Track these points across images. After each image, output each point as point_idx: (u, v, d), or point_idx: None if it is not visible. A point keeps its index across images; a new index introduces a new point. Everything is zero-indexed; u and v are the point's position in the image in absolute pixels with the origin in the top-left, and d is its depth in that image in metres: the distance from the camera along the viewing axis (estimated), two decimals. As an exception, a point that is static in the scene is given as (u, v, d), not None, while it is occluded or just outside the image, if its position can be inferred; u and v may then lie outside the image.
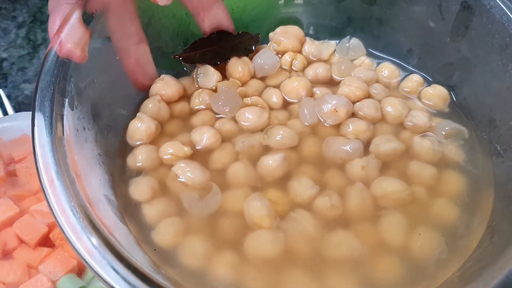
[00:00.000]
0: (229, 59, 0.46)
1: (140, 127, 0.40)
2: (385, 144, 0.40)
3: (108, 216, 0.33)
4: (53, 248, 0.42)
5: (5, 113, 0.55)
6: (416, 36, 0.47)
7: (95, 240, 0.29)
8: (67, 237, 0.29)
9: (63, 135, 0.33)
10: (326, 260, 0.35)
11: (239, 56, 0.46)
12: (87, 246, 0.28)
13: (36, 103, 0.33)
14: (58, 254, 0.40)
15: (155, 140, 0.41)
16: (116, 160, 0.40)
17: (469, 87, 0.43)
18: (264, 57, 0.46)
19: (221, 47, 0.46)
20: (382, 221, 0.36)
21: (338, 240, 0.35)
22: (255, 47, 0.47)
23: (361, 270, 0.34)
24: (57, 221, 0.29)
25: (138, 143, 0.41)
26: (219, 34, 0.46)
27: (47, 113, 0.33)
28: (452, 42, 0.44)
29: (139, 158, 0.39)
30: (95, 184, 0.35)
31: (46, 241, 0.42)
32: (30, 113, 0.46)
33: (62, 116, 0.34)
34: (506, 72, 0.39)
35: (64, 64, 0.36)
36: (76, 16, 0.37)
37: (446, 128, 0.41)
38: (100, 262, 0.28)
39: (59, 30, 0.36)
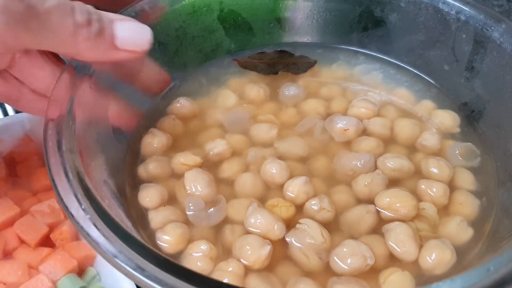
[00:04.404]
0: (277, 73, 0.48)
1: (152, 141, 0.42)
2: (392, 159, 0.39)
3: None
4: (54, 248, 0.41)
5: (5, 113, 0.55)
6: (434, 80, 0.48)
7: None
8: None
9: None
10: (334, 271, 0.34)
11: (292, 73, 0.48)
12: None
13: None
14: (58, 254, 0.39)
15: (167, 152, 0.42)
16: (126, 171, 0.41)
17: (484, 122, 0.44)
18: (292, 89, 0.47)
19: (276, 62, 0.49)
20: (389, 234, 0.35)
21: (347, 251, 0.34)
22: (306, 70, 0.49)
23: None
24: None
25: (150, 155, 0.41)
26: (281, 52, 0.49)
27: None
28: (466, 83, 0.45)
29: (150, 168, 0.40)
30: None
31: (46, 242, 0.41)
32: (30, 113, 0.48)
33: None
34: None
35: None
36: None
37: (459, 148, 0.41)
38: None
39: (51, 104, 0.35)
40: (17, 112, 0.54)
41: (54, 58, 0.38)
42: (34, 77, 0.37)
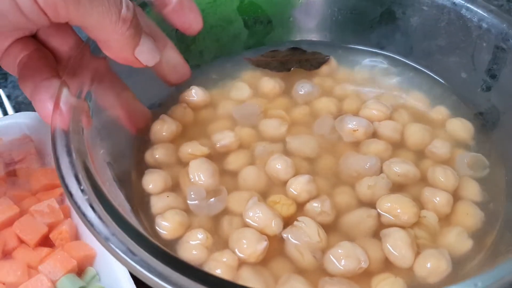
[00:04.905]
0: (289, 70, 0.48)
1: (161, 128, 0.42)
2: (399, 164, 0.39)
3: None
4: (53, 248, 0.41)
5: (5, 113, 0.55)
6: (451, 87, 0.47)
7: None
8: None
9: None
10: (327, 271, 0.34)
11: (305, 69, 0.48)
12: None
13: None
14: (58, 254, 0.40)
15: (176, 139, 0.42)
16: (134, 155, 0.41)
17: (498, 134, 0.43)
18: (306, 86, 0.47)
19: (289, 59, 0.49)
20: (387, 239, 0.35)
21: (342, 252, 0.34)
22: (319, 67, 0.49)
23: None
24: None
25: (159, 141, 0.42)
26: (294, 49, 0.50)
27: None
28: (482, 92, 0.44)
29: (157, 154, 0.41)
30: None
31: (46, 241, 0.42)
32: (30, 113, 0.47)
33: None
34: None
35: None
36: (66, 90, 0.35)
37: (468, 158, 0.41)
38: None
39: (56, 107, 0.34)
40: (17, 111, 0.54)
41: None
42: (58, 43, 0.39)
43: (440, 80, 0.47)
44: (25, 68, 0.37)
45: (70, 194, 0.30)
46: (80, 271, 0.40)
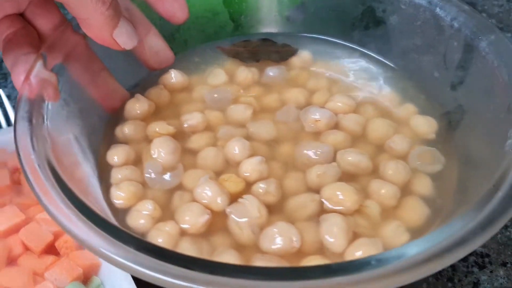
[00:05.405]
0: (258, 61, 0.50)
1: (134, 106, 0.45)
2: (351, 154, 0.40)
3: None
4: (58, 257, 0.42)
5: (5, 113, 0.56)
6: (423, 86, 0.47)
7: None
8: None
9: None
10: (261, 248, 0.36)
11: (273, 61, 0.50)
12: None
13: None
14: (63, 262, 0.40)
15: (148, 118, 0.45)
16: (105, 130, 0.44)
17: (460, 132, 0.43)
18: (274, 70, 0.49)
19: (259, 50, 0.50)
20: (324, 223, 0.36)
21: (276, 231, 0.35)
22: (288, 59, 0.50)
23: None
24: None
25: (131, 118, 0.45)
26: (264, 40, 0.51)
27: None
28: (451, 91, 0.45)
29: (126, 130, 0.43)
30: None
31: (51, 250, 0.42)
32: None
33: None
34: (496, 118, 0.39)
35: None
36: (40, 63, 0.38)
37: (421, 152, 0.41)
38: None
39: (27, 78, 0.37)
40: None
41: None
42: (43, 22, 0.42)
43: (414, 78, 0.48)
44: (10, 43, 0.40)
45: (19, 155, 0.33)
46: (85, 280, 0.41)
